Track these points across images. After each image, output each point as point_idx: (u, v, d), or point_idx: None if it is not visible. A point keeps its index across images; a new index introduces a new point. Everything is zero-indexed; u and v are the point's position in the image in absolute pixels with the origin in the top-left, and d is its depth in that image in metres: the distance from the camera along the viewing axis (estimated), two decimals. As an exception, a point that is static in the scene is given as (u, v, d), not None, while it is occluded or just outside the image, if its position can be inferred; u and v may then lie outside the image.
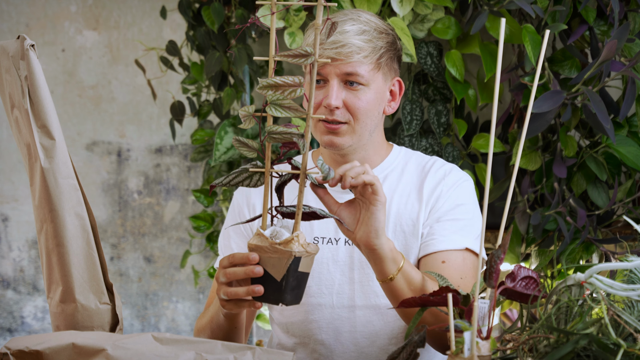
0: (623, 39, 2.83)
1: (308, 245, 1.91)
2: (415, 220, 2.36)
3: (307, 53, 1.85)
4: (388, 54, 2.32)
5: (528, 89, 3.02)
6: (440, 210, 2.36)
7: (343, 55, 2.24)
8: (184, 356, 1.92)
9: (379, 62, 2.29)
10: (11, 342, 1.86)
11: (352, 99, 2.26)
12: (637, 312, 1.80)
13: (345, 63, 2.25)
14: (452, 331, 1.72)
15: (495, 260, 1.85)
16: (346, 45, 2.24)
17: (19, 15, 3.85)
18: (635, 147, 2.98)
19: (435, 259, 2.30)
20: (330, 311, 2.39)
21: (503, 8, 2.95)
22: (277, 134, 1.87)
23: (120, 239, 3.88)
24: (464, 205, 2.36)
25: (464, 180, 2.41)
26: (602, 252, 3.05)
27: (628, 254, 2.32)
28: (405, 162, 2.46)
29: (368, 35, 2.26)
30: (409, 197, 2.39)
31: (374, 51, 2.28)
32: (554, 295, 1.85)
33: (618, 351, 1.64)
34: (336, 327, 2.38)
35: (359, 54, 2.24)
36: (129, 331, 3.85)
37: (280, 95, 1.86)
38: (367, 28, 2.27)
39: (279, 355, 1.96)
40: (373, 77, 2.29)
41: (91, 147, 3.88)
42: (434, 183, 2.38)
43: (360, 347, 2.38)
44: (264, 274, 1.94)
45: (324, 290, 2.39)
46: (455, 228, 2.33)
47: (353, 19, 2.29)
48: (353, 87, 2.26)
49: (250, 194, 2.52)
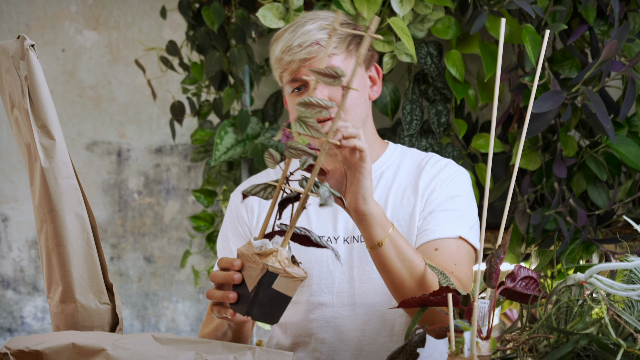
0: (623, 39, 2.83)
1: (290, 265, 1.88)
2: (412, 214, 2.37)
3: (337, 74, 1.86)
4: (355, 40, 2.34)
5: (528, 89, 3.02)
6: (434, 202, 2.37)
7: (314, 52, 2.27)
8: (184, 356, 1.93)
9: (349, 49, 2.31)
10: (11, 342, 1.86)
11: (335, 93, 2.28)
12: (637, 312, 1.80)
13: (318, 59, 2.27)
14: (452, 331, 1.72)
15: (495, 260, 1.85)
16: (314, 42, 2.27)
17: (19, 15, 3.85)
18: (635, 147, 2.98)
19: (428, 248, 2.30)
20: (331, 310, 2.39)
21: (503, 8, 2.95)
22: (295, 150, 1.88)
23: (120, 239, 3.88)
24: (459, 196, 2.37)
25: (459, 173, 2.42)
26: (602, 252, 3.05)
27: (628, 254, 2.32)
28: (401, 159, 2.47)
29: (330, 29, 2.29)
30: (404, 192, 2.40)
31: (341, 40, 2.30)
32: (554, 295, 1.85)
33: (618, 351, 1.64)
34: (337, 325, 2.39)
35: (328, 47, 2.26)
36: (129, 331, 3.85)
37: (309, 113, 1.87)
38: (327, 23, 2.29)
39: (279, 355, 1.96)
40: (348, 66, 2.31)
41: (91, 147, 3.88)
42: (430, 177, 2.40)
43: (361, 345, 2.38)
44: (242, 282, 1.93)
45: (324, 289, 2.39)
46: (449, 217, 2.34)
47: (312, 18, 2.31)
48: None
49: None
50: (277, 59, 2.32)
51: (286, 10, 3.02)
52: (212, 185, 3.56)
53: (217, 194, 3.55)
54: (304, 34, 2.27)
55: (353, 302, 2.38)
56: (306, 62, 2.27)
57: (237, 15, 3.28)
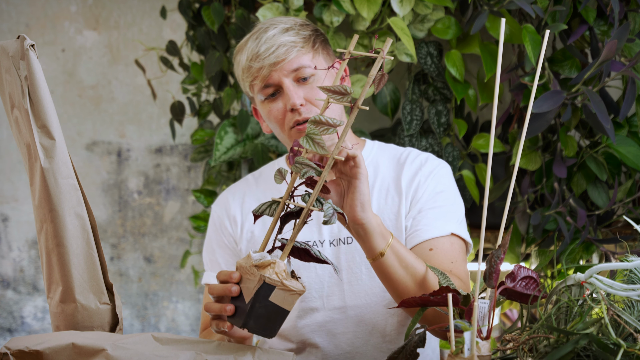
0: (623, 39, 2.83)
1: (288, 278, 1.87)
2: (397, 213, 2.37)
3: (346, 92, 1.87)
4: (319, 39, 2.37)
5: (528, 89, 3.02)
6: (421, 201, 2.37)
7: (282, 55, 2.28)
8: (184, 356, 1.93)
9: (315, 48, 2.34)
10: (11, 342, 1.86)
11: (309, 92, 2.30)
12: (637, 312, 1.80)
13: (288, 61, 2.29)
14: (452, 331, 1.72)
15: (495, 260, 1.85)
16: (280, 45, 2.29)
17: (19, 15, 3.85)
18: (635, 147, 2.98)
19: (423, 248, 2.30)
20: (322, 314, 2.39)
21: (503, 8, 2.95)
22: (301, 165, 1.88)
23: (120, 239, 3.88)
24: (444, 192, 2.38)
25: (440, 167, 2.42)
26: (602, 252, 3.05)
27: (628, 254, 2.32)
28: (379, 156, 2.47)
29: (293, 30, 2.32)
30: (387, 191, 2.40)
31: (306, 40, 2.32)
32: (554, 295, 1.85)
33: (618, 351, 1.64)
34: (329, 329, 2.39)
35: (295, 48, 2.29)
36: (129, 331, 3.85)
37: (317, 130, 1.88)
38: (288, 25, 2.33)
39: (278, 356, 1.96)
40: (317, 63, 2.33)
41: (91, 147, 3.88)
42: (411, 174, 2.40)
43: (355, 347, 2.39)
44: (240, 295, 1.93)
45: (314, 294, 2.39)
46: (438, 215, 2.34)
47: (272, 24, 2.34)
48: (305, 81, 2.30)
49: (229, 206, 2.54)
50: (246, 68, 2.33)
51: (286, 10, 3.02)
52: (212, 185, 3.56)
53: (217, 194, 3.55)
54: (268, 40, 2.29)
55: (344, 305, 2.38)
56: (276, 66, 2.29)
57: (237, 15, 3.28)
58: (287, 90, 2.28)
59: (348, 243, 2.37)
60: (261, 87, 2.32)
